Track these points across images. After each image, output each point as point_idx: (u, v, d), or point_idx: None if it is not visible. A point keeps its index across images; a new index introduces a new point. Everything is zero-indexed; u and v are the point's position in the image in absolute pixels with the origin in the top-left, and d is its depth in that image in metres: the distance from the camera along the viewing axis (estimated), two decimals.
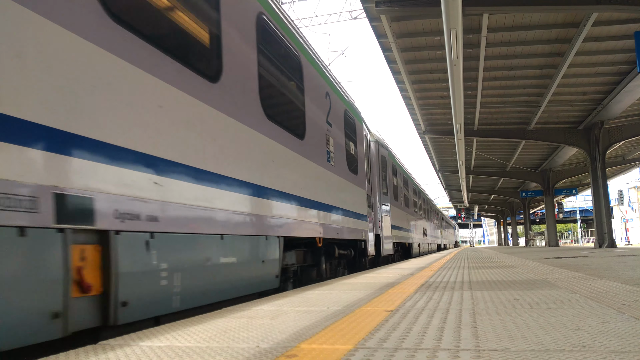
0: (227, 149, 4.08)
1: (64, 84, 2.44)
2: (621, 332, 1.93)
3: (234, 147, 4.24)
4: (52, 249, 2.28)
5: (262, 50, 5.04)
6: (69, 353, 1.94)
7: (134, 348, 1.98)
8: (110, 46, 2.77)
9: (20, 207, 2.12)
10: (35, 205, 2.19)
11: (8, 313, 2.05)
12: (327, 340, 1.97)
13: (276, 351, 1.80)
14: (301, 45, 6.40)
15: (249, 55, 4.72)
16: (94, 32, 2.66)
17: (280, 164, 5.23)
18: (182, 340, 2.10)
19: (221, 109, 4.04)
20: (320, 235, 6.52)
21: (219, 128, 4.01)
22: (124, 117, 2.84)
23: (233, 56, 4.32)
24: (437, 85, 16.64)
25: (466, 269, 7.14)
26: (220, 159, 3.96)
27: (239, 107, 4.35)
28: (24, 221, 2.13)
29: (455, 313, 2.61)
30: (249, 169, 4.47)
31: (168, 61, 3.29)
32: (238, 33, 4.43)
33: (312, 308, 3.04)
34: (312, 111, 6.50)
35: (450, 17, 8.00)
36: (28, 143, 2.19)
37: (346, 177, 8.09)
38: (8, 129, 2.10)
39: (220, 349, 1.89)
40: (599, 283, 4.04)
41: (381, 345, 1.84)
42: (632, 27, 12.15)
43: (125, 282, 2.73)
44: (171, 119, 3.32)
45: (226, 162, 4.06)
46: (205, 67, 3.85)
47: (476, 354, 1.65)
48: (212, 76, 3.90)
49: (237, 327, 2.41)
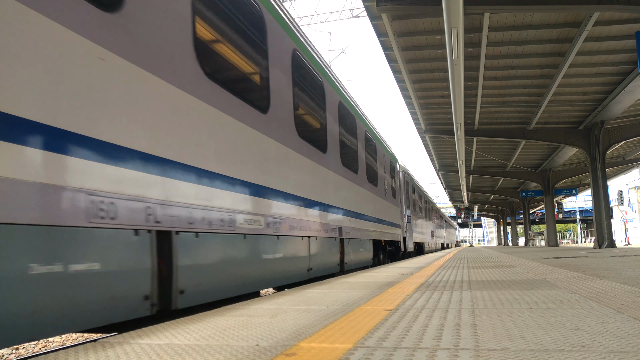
0: (360, 198, 8.65)
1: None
2: (620, 332, 1.93)
3: (364, 199, 9.17)
4: None
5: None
6: (69, 350, 1.94)
7: (133, 346, 1.98)
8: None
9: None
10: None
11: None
12: (327, 339, 1.97)
13: (275, 350, 1.80)
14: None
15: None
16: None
17: (369, 200, 9.76)
18: (181, 339, 2.10)
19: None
20: (384, 238, 11.29)
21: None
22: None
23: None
24: (437, 85, 16.62)
25: (465, 268, 7.14)
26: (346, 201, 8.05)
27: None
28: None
29: (455, 312, 2.61)
30: (360, 206, 8.88)
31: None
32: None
33: (311, 307, 3.04)
34: (377, 166, 11.09)
35: (451, 16, 7.99)
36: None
37: (391, 201, 12.60)
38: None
39: (219, 347, 1.89)
40: (598, 283, 4.04)
41: (380, 345, 1.84)
42: (633, 27, 12.14)
43: None
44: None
45: (364, 205, 8.92)
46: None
47: (475, 353, 1.65)
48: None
49: (237, 325, 2.41)
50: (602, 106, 17.93)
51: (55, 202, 2.29)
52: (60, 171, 2.33)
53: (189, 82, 3.46)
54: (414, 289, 4.00)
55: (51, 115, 2.32)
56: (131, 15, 2.88)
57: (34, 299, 2.16)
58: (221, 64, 4.08)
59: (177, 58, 3.35)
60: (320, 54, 7.15)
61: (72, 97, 2.46)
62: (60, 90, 2.39)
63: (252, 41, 4.65)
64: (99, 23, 2.62)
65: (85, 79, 2.54)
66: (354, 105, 9.18)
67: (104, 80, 2.66)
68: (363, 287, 4.39)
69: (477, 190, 41.53)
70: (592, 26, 11.91)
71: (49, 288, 2.23)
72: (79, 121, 2.48)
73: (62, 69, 2.40)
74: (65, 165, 2.36)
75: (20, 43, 2.20)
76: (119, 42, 2.77)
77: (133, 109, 2.88)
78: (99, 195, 2.53)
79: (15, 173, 2.11)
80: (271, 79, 5.03)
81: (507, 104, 18.60)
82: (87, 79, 2.55)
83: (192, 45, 3.54)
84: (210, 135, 3.71)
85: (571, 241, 68.21)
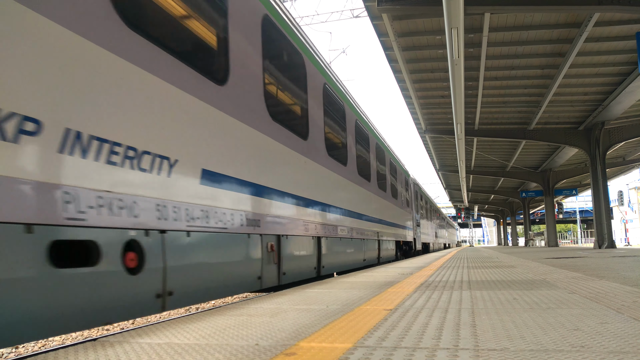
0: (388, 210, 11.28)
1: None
2: (620, 332, 1.93)
3: (390, 210, 12.00)
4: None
5: None
6: (69, 350, 1.94)
7: (133, 345, 1.98)
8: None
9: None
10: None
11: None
12: (327, 339, 1.97)
13: (275, 349, 1.80)
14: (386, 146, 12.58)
15: None
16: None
17: (393, 211, 12.71)
18: (181, 338, 2.10)
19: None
20: (401, 239, 14.18)
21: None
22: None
23: None
24: (438, 85, 16.62)
25: (465, 268, 7.14)
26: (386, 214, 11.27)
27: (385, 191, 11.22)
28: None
29: (455, 312, 2.61)
30: (388, 216, 11.74)
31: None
32: None
33: (311, 306, 3.04)
34: (397, 183, 14.14)
35: (452, 17, 7.99)
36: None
37: (406, 210, 15.68)
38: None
39: (219, 346, 1.89)
40: (598, 283, 4.04)
41: (380, 344, 1.84)
42: (634, 28, 12.13)
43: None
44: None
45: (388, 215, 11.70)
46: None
47: (475, 353, 1.65)
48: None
49: (236, 324, 2.41)
50: (603, 106, 17.92)
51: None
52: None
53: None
54: (413, 289, 4.00)
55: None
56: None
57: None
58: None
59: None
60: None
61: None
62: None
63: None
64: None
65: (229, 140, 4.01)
66: (383, 140, 12.14)
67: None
68: (363, 286, 4.39)
69: (477, 190, 41.52)
70: (593, 27, 11.90)
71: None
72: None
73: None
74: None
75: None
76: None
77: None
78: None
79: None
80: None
81: (508, 104, 18.59)
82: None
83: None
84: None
85: (571, 241, 68.18)
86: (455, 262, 9.40)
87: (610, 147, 20.88)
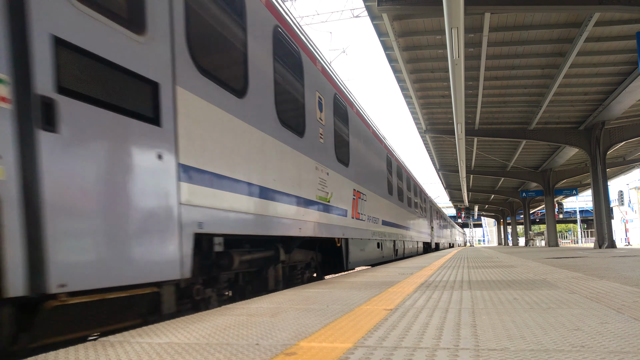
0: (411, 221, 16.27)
1: None
2: (620, 332, 1.93)
3: (417, 220, 18.18)
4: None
5: None
6: (69, 349, 1.94)
7: (134, 345, 1.98)
8: None
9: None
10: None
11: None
12: (327, 339, 1.97)
13: (275, 349, 1.80)
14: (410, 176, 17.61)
15: None
16: None
17: (418, 220, 18.54)
18: (181, 337, 2.10)
19: None
20: (424, 241, 19.79)
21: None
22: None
23: None
24: (438, 84, 16.62)
25: (466, 268, 7.14)
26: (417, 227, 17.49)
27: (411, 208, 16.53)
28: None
29: (455, 312, 2.61)
30: (415, 225, 17.26)
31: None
32: None
33: (311, 306, 3.04)
34: (419, 200, 19.16)
35: (452, 16, 7.99)
36: None
37: (425, 219, 20.71)
38: None
39: (219, 345, 1.89)
40: (598, 283, 4.04)
41: (380, 344, 1.84)
42: (634, 28, 12.13)
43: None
44: None
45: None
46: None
47: (475, 353, 1.65)
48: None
49: (237, 324, 2.41)
50: (603, 106, 17.91)
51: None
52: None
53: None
54: (414, 289, 4.00)
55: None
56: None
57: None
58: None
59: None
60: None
61: None
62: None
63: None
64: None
65: None
66: (410, 173, 16.78)
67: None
68: (363, 286, 4.39)
69: (477, 190, 41.51)
70: (593, 26, 11.90)
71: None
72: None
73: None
74: None
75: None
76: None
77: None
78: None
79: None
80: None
81: (508, 104, 18.59)
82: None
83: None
84: None
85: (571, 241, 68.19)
86: (455, 262, 9.40)
87: (610, 147, 20.87)
